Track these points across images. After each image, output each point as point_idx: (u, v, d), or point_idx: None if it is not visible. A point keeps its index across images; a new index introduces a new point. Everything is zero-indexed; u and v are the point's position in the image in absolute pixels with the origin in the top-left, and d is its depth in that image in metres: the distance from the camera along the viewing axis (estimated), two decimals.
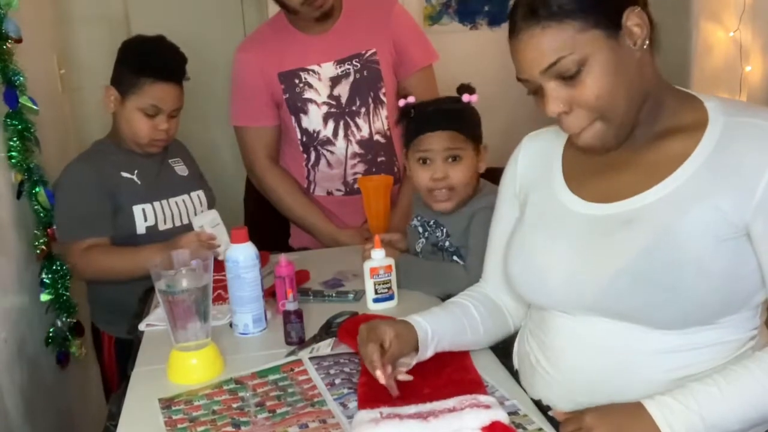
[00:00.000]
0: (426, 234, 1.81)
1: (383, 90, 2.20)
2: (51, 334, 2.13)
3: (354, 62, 2.17)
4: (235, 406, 1.27)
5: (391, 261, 1.64)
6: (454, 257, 1.75)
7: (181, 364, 1.38)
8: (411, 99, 1.76)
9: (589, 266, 1.18)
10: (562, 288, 1.21)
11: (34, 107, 2.04)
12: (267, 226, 2.39)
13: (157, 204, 2.02)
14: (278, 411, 1.24)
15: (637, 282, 1.13)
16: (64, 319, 2.15)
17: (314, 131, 2.21)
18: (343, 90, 2.18)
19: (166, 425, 1.22)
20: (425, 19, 3.16)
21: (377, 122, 2.22)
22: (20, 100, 2.00)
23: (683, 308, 1.12)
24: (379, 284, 1.63)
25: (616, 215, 1.18)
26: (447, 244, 1.76)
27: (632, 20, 1.12)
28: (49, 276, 2.11)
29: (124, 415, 1.28)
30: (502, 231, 1.39)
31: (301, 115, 2.20)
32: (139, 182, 2.02)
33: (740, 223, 1.11)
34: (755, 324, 1.19)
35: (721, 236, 1.11)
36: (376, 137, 2.22)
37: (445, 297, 1.65)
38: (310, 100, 2.18)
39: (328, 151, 2.22)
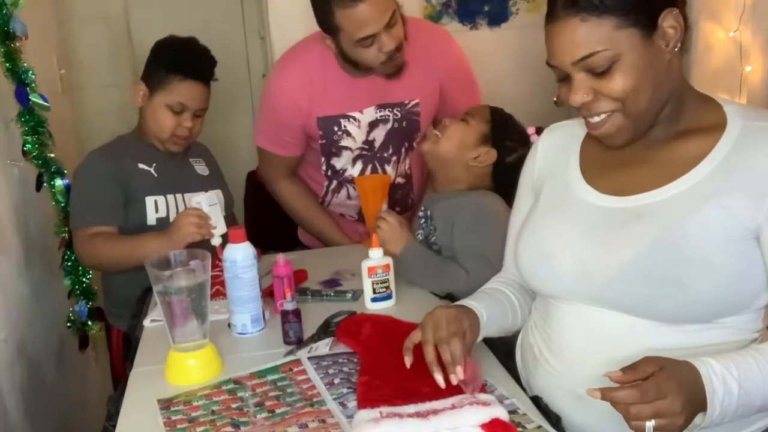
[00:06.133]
0: (425, 226, 1.82)
1: (418, 140, 2.15)
2: (71, 318, 2.21)
3: (395, 111, 2.10)
4: (234, 406, 1.27)
5: (389, 260, 1.64)
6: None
7: (179, 364, 1.37)
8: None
9: (598, 256, 1.19)
10: (571, 276, 1.22)
11: (45, 104, 2.09)
12: (267, 225, 2.39)
13: (170, 197, 2.02)
14: (277, 411, 1.24)
15: (643, 275, 1.14)
16: (84, 305, 2.21)
17: (341, 169, 2.17)
18: (378, 134, 2.12)
19: (165, 426, 1.22)
20: (425, 19, 3.15)
21: (403, 167, 2.19)
22: (31, 98, 2.04)
23: (685, 303, 1.13)
24: (377, 283, 1.63)
25: (628, 209, 1.19)
26: (434, 239, 1.77)
27: (668, 22, 1.13)
28: (70, 263, 2.18)
29: (122, 415, 1.28)
30: (519, 220, 1.40)
31: (333, 157, 2.15)
32: (155, 174, 2.03)
33: (751, 225, 1.12)
34: (757, 327, 1.19)
35: (730, 236, 1.12)
36: (398, 180, 2.20)
37: (444, 296, 1.66)
38: (346, 147, 2.12)
39: (351, 186, 2.19)
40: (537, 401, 1.26)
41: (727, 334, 1.16)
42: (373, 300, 1.64)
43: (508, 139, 1.79)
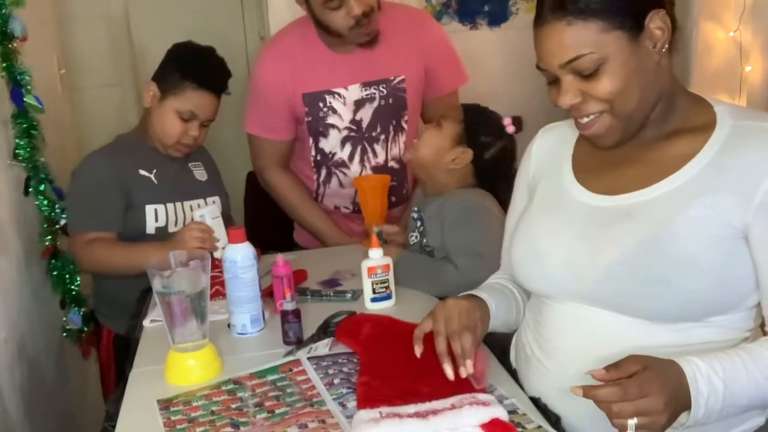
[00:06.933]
0: (421, 228, 1.82)
1: (406, 117, 2.16)
2: (66, 327, 2.18)
3: (381, 88, 2.10)
4: (233, 406, 1.27)
5: (388, 260, 1.64)
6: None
7: (178, 365, 1.37)
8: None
9: (588, 255, 1.20)
10: (562, 275, 1.23)
11: (40, 106, 2.06)
12: (267, 225, 2.39)
13: (170, 206, 2.02)
14: (277, 411, 1.24)
15: (631, 274, 1.15)
16: (77, 312, 2.18)
17: (330, 153, 2.17)
18: (365, 114, 2.12)
19: (164, 426, 1.22)
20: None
21: (395, 149, 2.18)
22: (25, 99, 2.02)
23: (674, 302, 1.13)
24: (377, 283, 1.63)
25: (617, 207, 1.20)
26: (425, 240, 1.78)
27: (655, 23, 1.13)
28: (56, 272, 2.15)
29: (122, 415, 1.28)
30: (514, 219, 1.41)
31: (321, 137, 2.15)
32: (155, 182, 2.02)
33: (739, 225, 1.12)
34: (748, 326, 1.20)
35: (717, 235, 1.12)
36: (391, 163, 2.19)
37: (441, 297, 1.66)
38: (332, 126, 2.13)
39: (341, 172, 2.19)
40: (537, 401, 1.26)
41: (719, 333, 1.17)
42: (373, 300, 1.64)
43: (483, 135, 1.77)
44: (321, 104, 2.10)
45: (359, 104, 2.11)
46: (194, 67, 2.00)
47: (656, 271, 1.13)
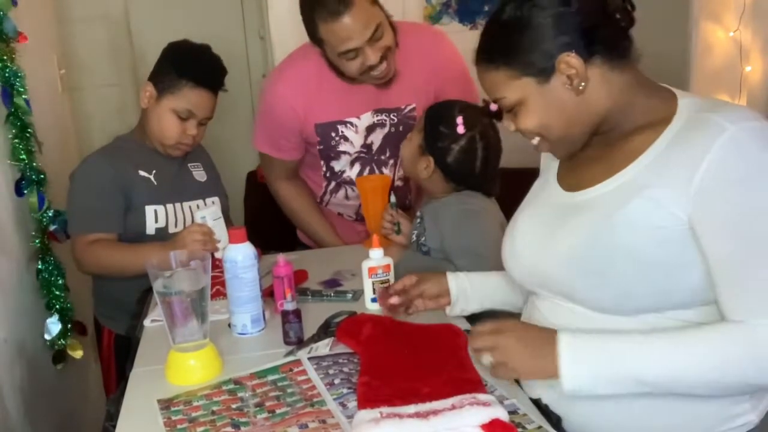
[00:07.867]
0: (419, 228, 1.82)
1: None
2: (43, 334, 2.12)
3: (392, 116, 2.10)
4: (234, 406, 1.27)
5: (389, 260, 1.65)
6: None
7: (179, 365, 1.37)
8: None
9: (547, 249, 1.25)
10: (532, 269, 1.30)
11: (27, 108, 2.03)
12: (267, 225, 2.40)
13: (170, 206, 2.02)
14: (278, 411, 1.24)
15: (578, 267, 1.19)
16: (56, 320, 2.13)
17: (340, 171, 2.18)
18: (376, 138, 2.12)
19: (165, 426, 1.22)
20: (425, 19, 3.15)
21: (401, 170, 2.18)
22: (15, 101, 2.00)
23: (617, 294, 1.16)
24: (378, 284, 1.63)
25: (574, 203, 1.25)
26: (423, 239, 1.79)
27: (564, 64, 1.17)
28: (41, 276, 2.11)
29: (122, 415, 1.28)
30: None
31: (332, 161, 2.16)
32: (155, 182, 2.01)
33: (683, 215, 1.12)
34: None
35: (659, 227, 1.13)
36: (397, 182, 2.20)
37: None
38: (344, 152, 2.13)
39: (349, 188, 2.20)
40: (538, 402, 1.26)
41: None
42: (374, 300, 1.64)
43: (438, 141, 1.76)
44: (333, 134, 2.09)
45: (370, 129, 2.11)
46: (191, 65, 1.99)
47: (600, 264, 1.16)
